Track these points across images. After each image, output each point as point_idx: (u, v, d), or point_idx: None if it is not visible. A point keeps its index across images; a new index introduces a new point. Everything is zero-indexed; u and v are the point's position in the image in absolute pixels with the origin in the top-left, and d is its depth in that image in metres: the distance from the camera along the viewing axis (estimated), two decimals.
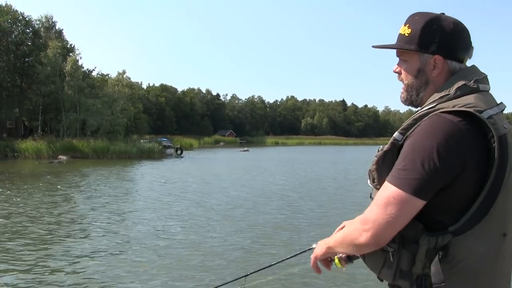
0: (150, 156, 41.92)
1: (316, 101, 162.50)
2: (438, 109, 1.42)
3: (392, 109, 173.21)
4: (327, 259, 1.78)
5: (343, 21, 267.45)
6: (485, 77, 1.55)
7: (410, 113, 1.55)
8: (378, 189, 1.51)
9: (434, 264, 1.40)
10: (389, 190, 1.41)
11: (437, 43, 1.53)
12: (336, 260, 1.89)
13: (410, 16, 1.61)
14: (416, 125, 1.44)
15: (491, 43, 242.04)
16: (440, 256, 1.39)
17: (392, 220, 1.39)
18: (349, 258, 1.86)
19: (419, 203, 1.38)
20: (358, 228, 1.47)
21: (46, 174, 23.66)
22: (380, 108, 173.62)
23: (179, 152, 46.75)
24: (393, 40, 1.66)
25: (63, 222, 11.07)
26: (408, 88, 1.63)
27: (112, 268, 7.42)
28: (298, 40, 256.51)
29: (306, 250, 2.27)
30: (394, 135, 1.49)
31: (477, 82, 1.49)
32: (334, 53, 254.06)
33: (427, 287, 1.43)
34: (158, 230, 10.26)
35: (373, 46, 1.69)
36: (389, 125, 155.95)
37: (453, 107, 1.40)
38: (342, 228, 1.69)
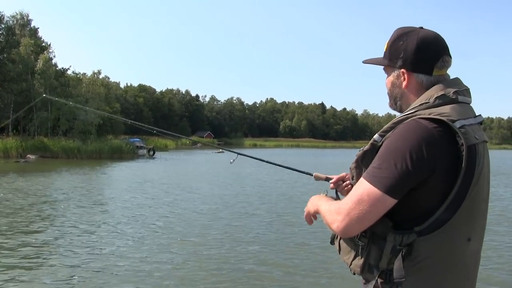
0: (122, 156, 41.73)
1: (295, 103, 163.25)
2: (416, 115, 1.53)
3: (371, 112, 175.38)
4: (312, 216, 1.89)
5: (323, 24, 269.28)
6: (466, 89, 1.66)
7: (389, 116, 1.70)
8: None
9: (397, 260, 1.50)
10: (363, 186, 1.52)
11: (402, 59, 1.67)
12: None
13: (393, 32, 1.74)
14: (394, 128, 1.56)
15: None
16: (403, 253, 1.49)
17: (363, 215, 1.50)
18: None
19: (390, 201, 1.48)
20: (333, 216, 1.59)
21: (4, 174, 23.19)
22: (359, 112, 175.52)
23: (151, 153, 46.68)
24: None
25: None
26: (389, 97, 1.79)
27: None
28: (278, 42, 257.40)
29: (305, 173, 2.55)
30: (374, 136, 1.60)
31: (457, 94, 1.59)
32: (313, 56, 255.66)
33: (391, 282, 1.53)
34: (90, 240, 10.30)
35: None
36: (367, 128, 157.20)
37: (429, 114, 1.51)
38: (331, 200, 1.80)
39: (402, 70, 1.68)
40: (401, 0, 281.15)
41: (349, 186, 1.98)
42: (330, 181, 2.11)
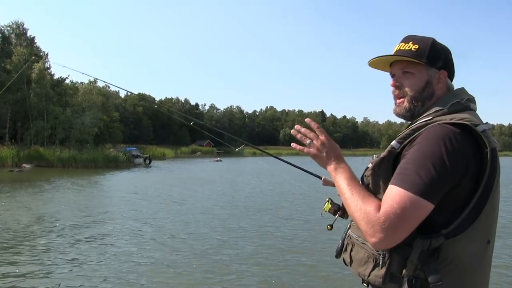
0: (117, 165, 41.51)
1: (295, 111, 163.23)
2: (437, 121, 1.53)
3: (371, 120, 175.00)
4: (318, 156, 1.75)
5: (322, 33, 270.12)
6: (473, 98, 1.70)
7: (389, 124, 1.62)
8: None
9: (430, 265, 1.47)
10: (404, 195, 1.43)
11: (443, 60, 1.70)
12: (328, 205, 1.96)
13: (409, 36, 1.75)
14: (415, 135, 1.54)
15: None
16: (430, 258, 1.47)
17: (407, 226, 1.43)
18: (342, 214, 1.91)
19: (430, 207, 1.44)
20: (373, 224, 1.45)
21: None
22: (359, 119, 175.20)
23: (147, 161, 46.47)
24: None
25: None
26: (413, 100, 1.71)
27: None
28: (278, 50, 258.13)
29: (315, 175, 2.43)
30: (392, 143, 1.58)
31: (469, 101, 1.65)
32: (313, 64, 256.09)
33: None
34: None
35: (378, 57, 1.77)
36: (368, 136, 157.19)
37: (451, 119, 1.52)
38: (354, 184, 1.63)
39: (443, 71, 1.71)
40: (400, 7, 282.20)
41: None
42: None
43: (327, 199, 1.93)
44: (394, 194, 1.46)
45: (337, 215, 1.97)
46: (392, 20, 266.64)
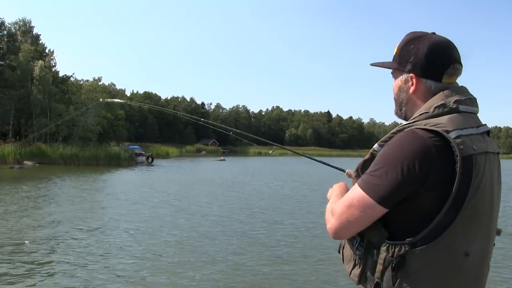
0: (119, 163, 41.43)
1: (301, 112, 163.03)
2: (414, 126, 1.50)
3: (377, 121, 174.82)
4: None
5: (329, 33, 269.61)
6: (471, 99, 1.60)
7: (395, 125, 1.74)
8: None
9: (387, 272, 1.47)
10: (356, 192, 1.52)
11: (411, 63, 1.63)
12: None
13: (405, 36, 1.71)
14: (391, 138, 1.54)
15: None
16: (393, 265, 1.45)
17: (352, 220, 1.51)
18: None
19: (379, 209, 1.47)
20: (328, 215, 1.63)
21: None
22: (365, 120, 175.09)
23: (149, 160, 46.38)
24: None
25: None
26: (395, 103, 1.76)
27: None
28: (284, 50, 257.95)
29: (338, 168, 2.72)
30: (374, 146, 1.60)
31: (458, 103, 1.55)
32: (320, 64, 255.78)
33: None
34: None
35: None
36: (373, 137, 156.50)
37: (425, 125, 1.48)
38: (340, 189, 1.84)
39: (411, 74, 1.65)
40: (408, 7, 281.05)
41: None
42: None
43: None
44: (351, 190, 1.56)
45: None
46: (400, 19, 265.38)
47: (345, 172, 2.30)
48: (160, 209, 14.95)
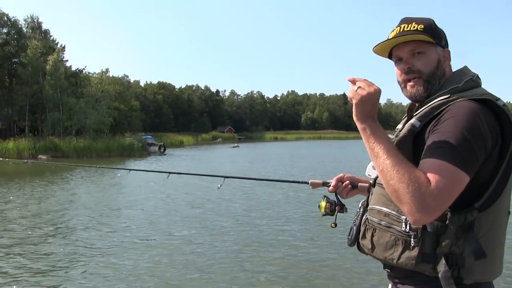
0: (132, 154, 41.78)
1: (317, 95, 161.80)
2: (459, 98, 1.54)
3: (394, 101, 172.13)
4: (366, 100, 1.60)
5: (343, 16, 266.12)
6: (478, 75, 1.70)
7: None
8: None
9: (468, 240, 1.47)
10: (447, 168, 1.40)
11: (445, 39, 1.74)
12: (324, 203, 2.01)
13: (407, 18, 1.73)
14: (439, 111, 1.54)
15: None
16: (460, 233, 1.47)
17: (452, 198, 1.40)
18: (341, 209, 1.99)
19: (468, 179, 1.43)
20: (423, 198, 1.37)
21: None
22: (382, 101, 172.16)
23: (161, 149, 46.74)
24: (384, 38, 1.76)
25: None
26: (429, 79, 1.68)
27: None
28: (298, 35, 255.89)
29: (300, 182, 2.48)
30: (412, 121, 1.59)
31: (478, 79, 1.67)
32: (334, 47, 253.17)
33: (458, 265, 1.48)
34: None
35: (387, 39, 1.74)
36: (391, 118, 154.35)
37: (472, 95, 1.54)
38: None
39: (446, 49, 1.72)
40: None
41: (349, 186, 2.00)
42: (330, 185, 2.06)
43: (322, 199, 1.93)
44: (437, 167, 1.42)
45: (336, 211, 2.01)
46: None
47: (308, 183, 2.24)
48: (151, 201, 15.09)
